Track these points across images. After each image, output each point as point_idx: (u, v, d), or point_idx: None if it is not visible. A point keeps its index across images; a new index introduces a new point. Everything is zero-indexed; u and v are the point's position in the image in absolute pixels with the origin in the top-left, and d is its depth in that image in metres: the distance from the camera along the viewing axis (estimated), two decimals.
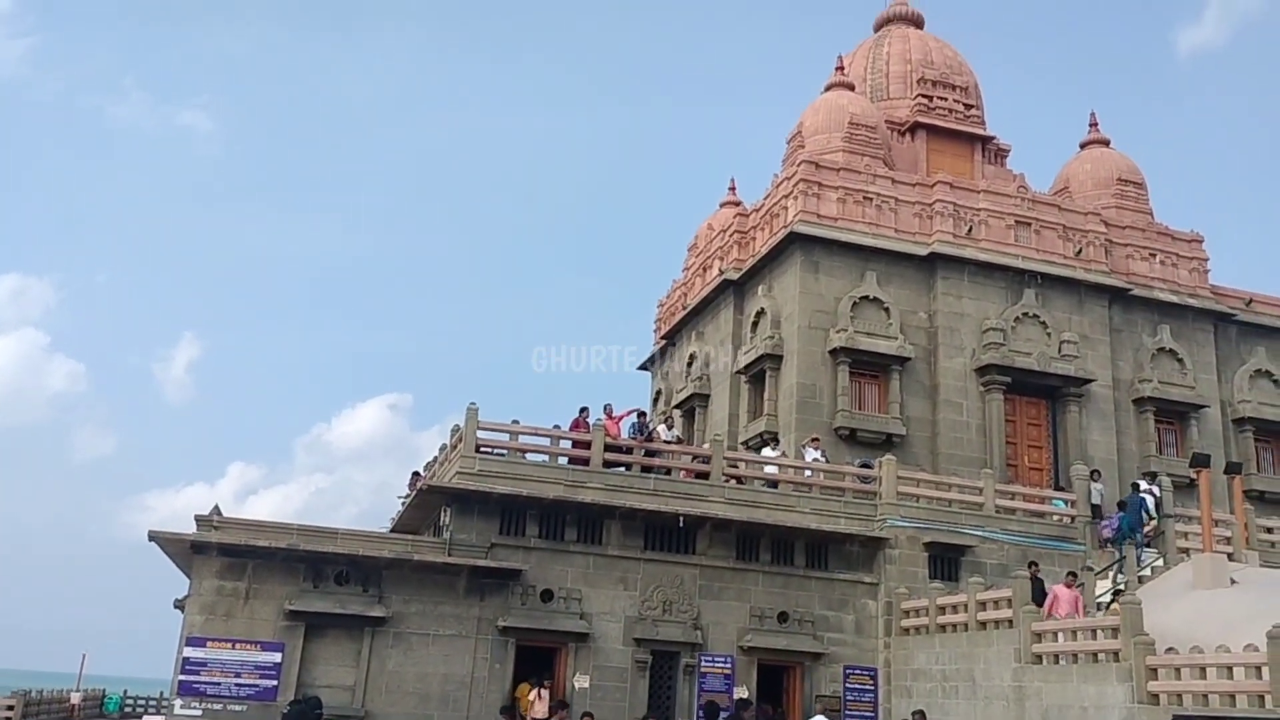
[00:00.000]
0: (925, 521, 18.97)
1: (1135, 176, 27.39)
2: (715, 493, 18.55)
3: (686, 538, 17.86)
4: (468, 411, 17.50)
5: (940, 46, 28.81)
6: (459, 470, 17.25)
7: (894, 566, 18.56)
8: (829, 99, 26.48)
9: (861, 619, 18.44)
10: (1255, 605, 14.48)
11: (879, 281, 23.70)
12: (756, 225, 26.45)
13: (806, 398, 22.72)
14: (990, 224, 24.67)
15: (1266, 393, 26.19)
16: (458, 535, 16.69)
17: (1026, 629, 14.75)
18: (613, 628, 17.06)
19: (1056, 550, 19.23)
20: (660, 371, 31.93)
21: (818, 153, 24.95)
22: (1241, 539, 19.49)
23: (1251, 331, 26.75)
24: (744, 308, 26.18)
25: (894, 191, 24.68)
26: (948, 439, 22.93)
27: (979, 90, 28.34)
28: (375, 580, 16.20)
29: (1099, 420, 24.05)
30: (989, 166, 27.35)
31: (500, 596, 16.61)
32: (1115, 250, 25.71)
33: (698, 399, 27.51)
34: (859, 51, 29.62)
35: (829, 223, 23.90)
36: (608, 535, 17.46)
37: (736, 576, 18.01)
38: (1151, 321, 25.48)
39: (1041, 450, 23.77)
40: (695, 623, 17.48)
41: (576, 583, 17.08)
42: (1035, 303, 24.14)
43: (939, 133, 26.99)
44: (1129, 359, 25.05)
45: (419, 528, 19.54)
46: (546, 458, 18.18)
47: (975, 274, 24.18)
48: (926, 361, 23.62)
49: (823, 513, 18.86)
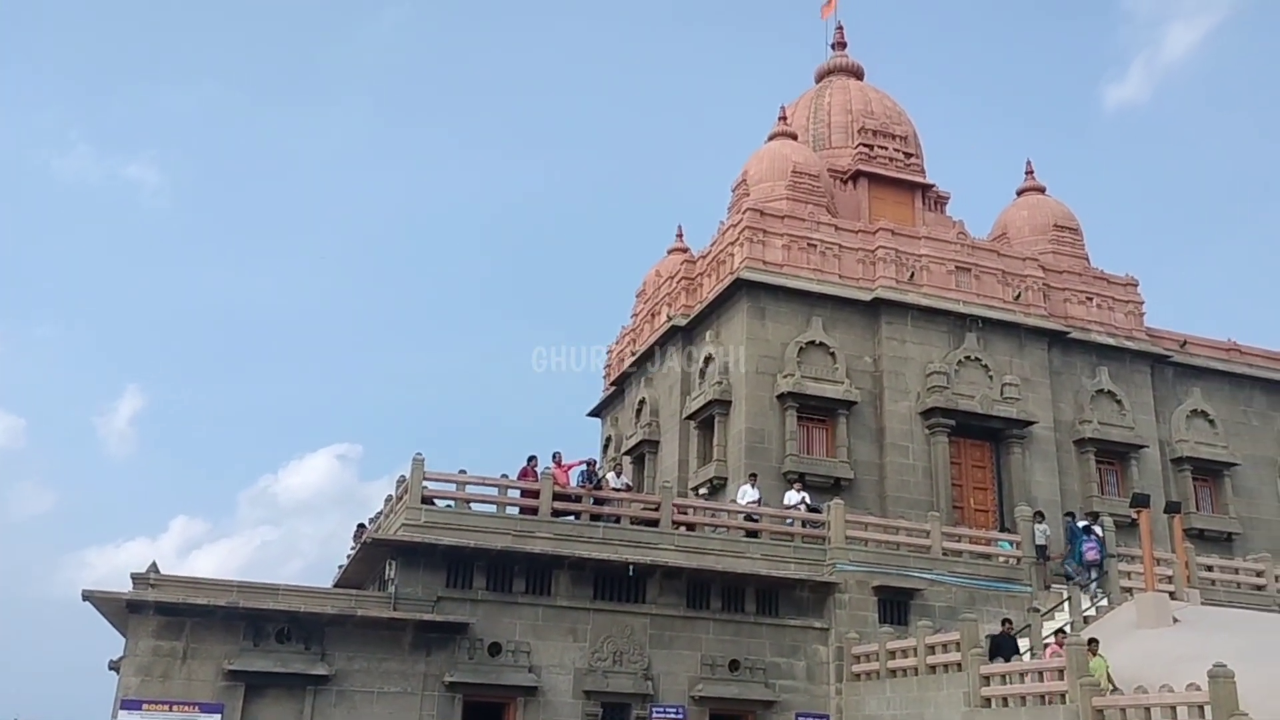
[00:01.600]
0: (874, 565, 19.03)
1: (1070, 222, 28.10)
2: (665, 540, 18.46)
3: (637, 586, 17.73)
4: (413, 462, 17.29)
5: (880, 97, 29.47)
6: (404, 522, 17.00)
7: (844, 611, 18.57)
8: (772, 148, 26.90)
9: (813, 665, 18.39)
10: (1197, 644, 14.68)
11: (825, 327, 23.96)
12: (704, 272, 26.67)
13: (755, 443, 22.80)
14: (932, 269, 25.11)
15: (1203, 432, 26.80)
16: (403, 589, 16.41)
17: (975, 672, 14.79)
18: (562, 680, 16.82)
19: (1003, 592, 19.40)
20: (610, 418, 31.88)
21: (762, 200, 25.29)
22: (1183, 578, 19.79)
23: (1187, 373, 27.40)
24: (692, 354, 26.28)
25: (837, 238, 25.05)
26: (895, 482, 23.11)
27: (918, 139, 28.98)
28: (318, 637, 15.84)
29: (1042, 461, 24.41)
30: (929, 213, 27.90)
31: (447, 651, 16.32)
32: (1053, 294, 26.27)
33: (647, 445, 27.47)
34: (801, 102, 30.18)
35: (775, 269, 24.16)
36: (557, 585, 17.27)
37: (687, 625, 17.89)
38: (1090, 364, 26.01)
39: (986, 492, 24.04)
40: (646, 673, 17.30)
41: (525, 635, 16.85)
42: (977, 346, 24.54)
43: (880, 181, 27.51)
44: (1069, 400, 25.51)
45: (363, 582, 19.17)
46: (494, 508, 18.01)
47: (918, 319, 24.54)
48: (873, 405, 23.85)
49: (772, 558, 18.86)
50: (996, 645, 15.35)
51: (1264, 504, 27.11)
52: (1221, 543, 25.72)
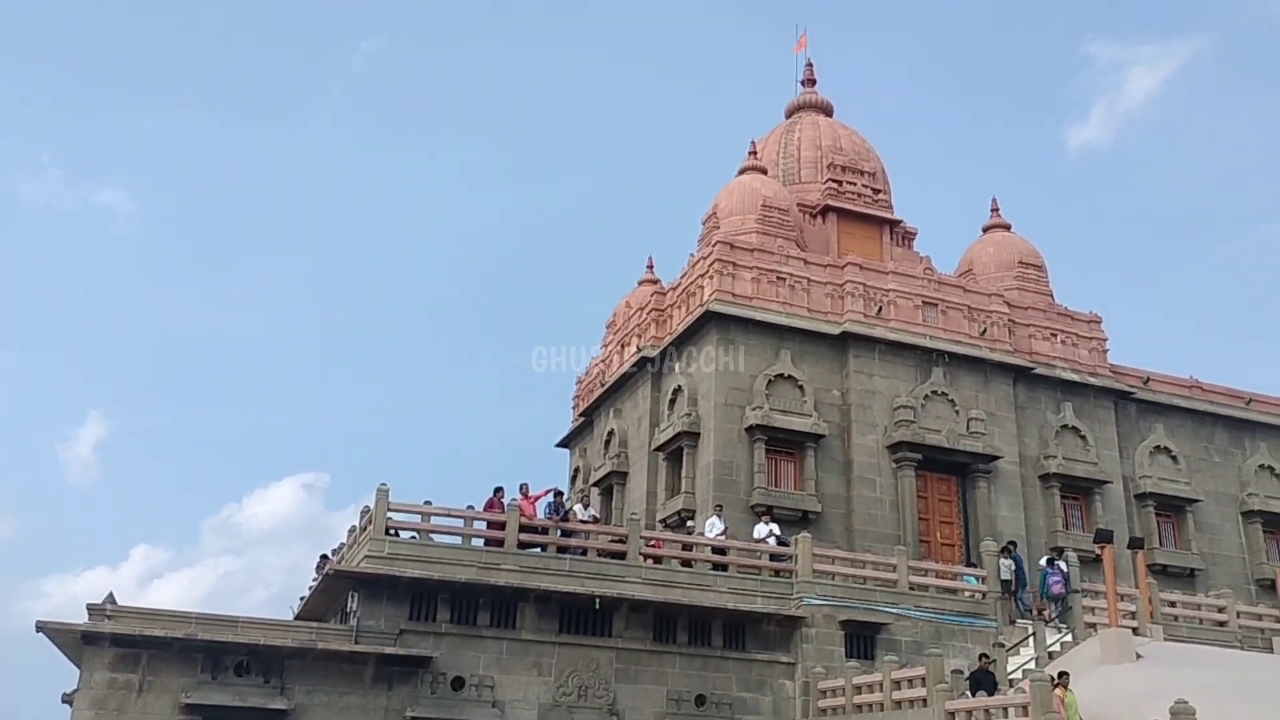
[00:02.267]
0: (841, 599, 19.00)
1: (1035, 259, 28.48)
2: (632, 573, 18.36)
3: (603, 619, 17.60)
4: (377, 493, 17.13)
5: (849, 134, 29.83)
6: (368, 554, 16.81)
7: (811, 646, 18.50)
8: (743, 182, 27.12)
9: (779, 700, 18.28)
10: (1160, 680, 14.76)
11: (793, 360, 24.07)
12: (673, 304, 26.75)
13: (723, 475, 22.79)
14: (899, 304, 25.32)
15: (1166, 468, 27.10)
16: (365, 622, 16.19)
17: (940, 708, 14.76)
18: (526, 715, 16.62)
19: (969, 627, 19.42)
20: (579, 449, 31.76)
21: (732, 234, 25.45)
22: (1146, 613, 19.92)
23: (1150, 409, 27.75)
24: (661, 385, 26.30)
25: (806, 272, 25.23)
26: (862, 515, 23.16)
27: (886, 175, 29.33)
28: (277, 671, 15.58)
29: (1007, 496, 24.57)
30: (897, 248, 28.19)
31: (409, 685, 16.10)
32: (1018, 330, 26.57)
33: (616, 477, 27.39)
34: (771, 137, 30.49)
35: (744, 302, 24.28)
36: (522, 618, 17.11)
37: (654, 659, 17.76)
38: (1054, 399, 26.28)
39: (953, 526, 24.15)
40: (611, 708, 17.13)
41: (489, 669, 16.65)
42: (943, 381, 24.74)
43: (849, 216, 27.78)
44: (1034, 436, 25.73)
45: (325, 614, 18.90)
46: (459, 539, 17.84)
47: (885, 353, 24.72)
48: (840, 439, 23.93)
49: (740, 591, 18.79)
50: (976, 681, 15.20)
51: (1226, 540, 27.41)
52: (1184, 578, 25.95)
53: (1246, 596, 25.58)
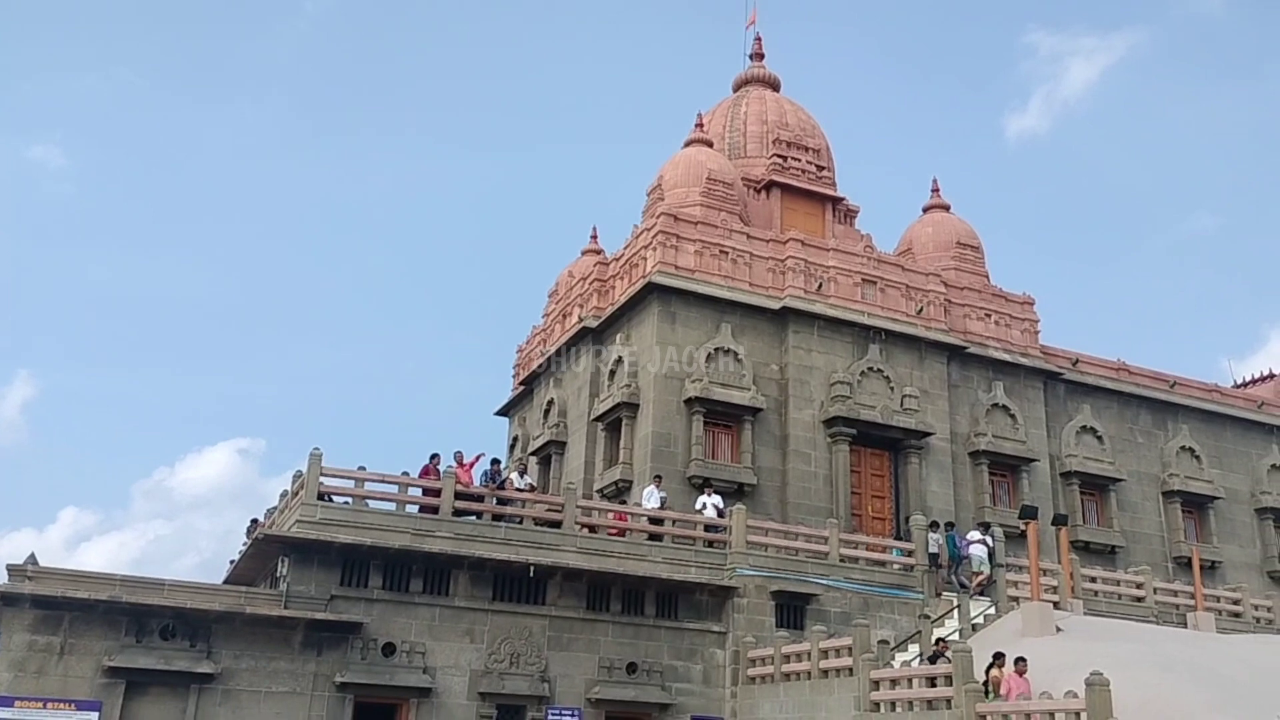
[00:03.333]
0: (773, 570, 19.26)
1: (973, 241, 28.90)
2: (567, 542, 18.41)
3: (537, 588, 17.64)
4: (310, 457, 16.91)
5: (795, 109, 29.91)
6: (299, 519, 16.62)
7: (742, 615, 18.75)
8: (688, 154, 27.08)
9: (709, 668, 18.52)
10: (1078, 653, 15.20)
11: (734, 333, 24.19)
12: (616, 274, 26.70)
13: (661, 446, 22.89)
14: (839, 281, 25.56)
15: (1091, 448, 27.81)
16: (295, 587, 16.03)
17: (866, 677, 15.08)
18: (457, 682, 16.63)
19: (896, 598, 19.82)
20: (518, 417, 31.70)
21: (677, 206, 25.43)
22: (1067, 588, 20.50)
23: (1078, 390, 28.42)
24: (602, 355, 26.30)
25: (749, 246, 25.33)
26: (796, 488, 23.44)
27: (831, 153, 29.49)
28: (204, 635, 15.38)
29: (938, 472, 25.04)
30: (839, 226, 28.40)
31: (339, 651, 16.00)
32: (954, 310, 26.99)
33: (554, 446, 27.39)
34: (718, 110, 30.45)
35: (686, 274, 24.32)
36: (455, 586, 17.07)
37: (586, 627, 17.86)
38: (986, 378, 26.78)
39: (884, 500, 24.56)
40: (543, 675, 17.21)
41: (421, 636, 16.60)
42: (880, 358, 25.07)
43: (792, 192, 27.91)
44: (965, 413, 26.23)
45: (255, 579, 18.69)
46: (394, 506, 17.70)
47: (824, 329, 24.96)
48: (777, 412, 24.16)
49: (674, 561, 18.94)
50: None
51: (1146, 519, 28.27)
52: (1105, 555, 26.74)
53: (1164, 573, 26.47)
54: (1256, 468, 30.19)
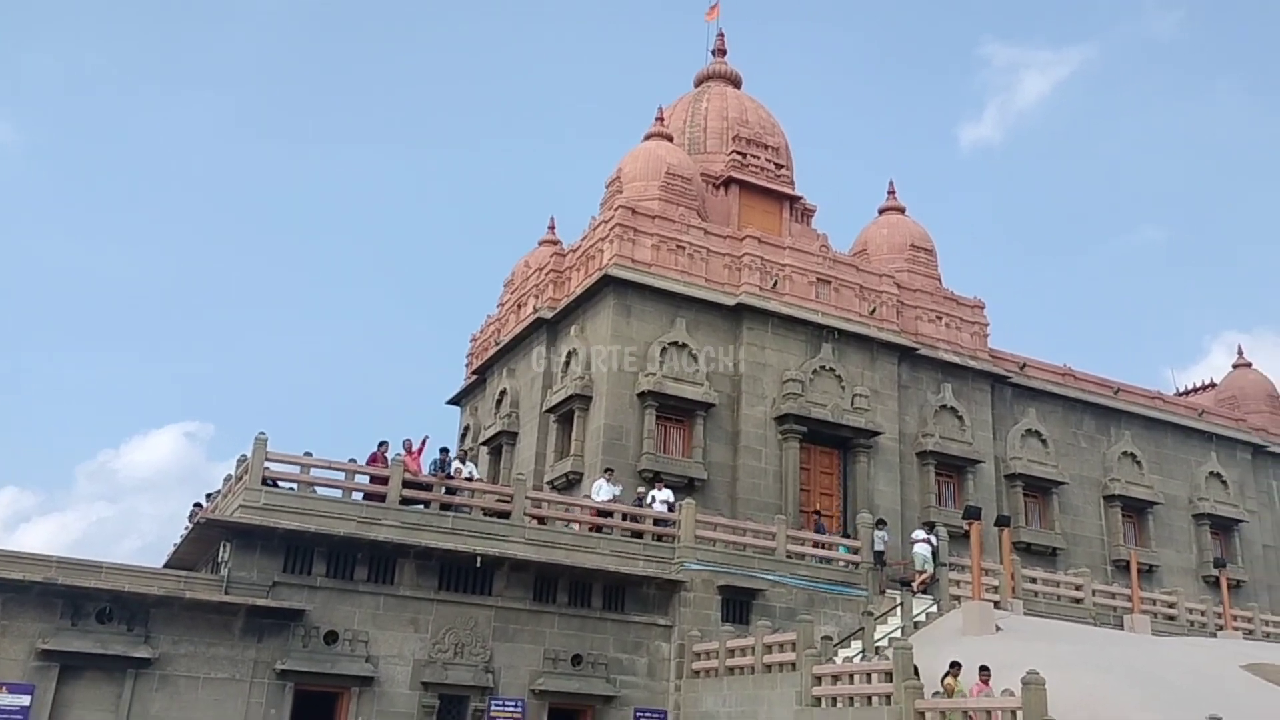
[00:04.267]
0: (720, 565, 19.33)
1: (926, 243, 29.21)
2: (516, 533, 18.33)
3: (483, 578, 17.56)
4: (255, 441, 16.67)
5: (756, 107, 30.00)
6: (242, 503, 16.37)
7: (688, 609, 18.81)
8: (648, 148, 27.05)
9: (654, 661, 18.57)
10: (1016, 652, 15.42)
11: (688, 328, 24.23)
12: (572, 266, 26.62)
13: (613, 439, 22.88)
14: (794, 279, 25.70)
15: (1036, 451, 28.26)
16: (237, 572, 15.80)
17: (808, 672, 15.20)
18: (400, 671, 16.51)
19: (841, 595, 20.01)
20: (470, 407, 31.52)
21: (635, 199, 25.40)
22: (1008, 588, 20.81)
23: (1024, 393, 28.85)
24: (556, 347, 26.22)
25: (706, 242, 25.38)
26: (746, 484, 23.55)
27: (789, 151, 29.63)
28: (142, 619, 15.11)
29: (885, 471, 25.30)
30: (796, 224, 28.56)
31: (280, 638, 15.81)
32: (906, 311, 27.26)
33: (505, 436, 27.27)
34: (679, 104, 30.46)
35: (643, 268, 24.31)
36: (401, 575, 16.94)
37: (532, 618, 17.81)
38: (936, 380, 27.10)
39: (832, 498, 24.76)
40: (487, 666, 17.15)
41: (364, 624, 16.46)
42: (832, 357, 25.25)
43: (751, 189, 28.00)
44: (914, 414, 26.52)
45: (196, 564, 18.38)
46: (340, 493, 17.51)
47: (778, 326, 25.09)
48: (730, 408, 24.25)
49: (622, 554, 18.96)
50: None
51: (1088, 522, 28.80)
52: (1046, 556, 27.19)
53: (1103, 576, 26.99)
54: (1195, 474, 30.87)
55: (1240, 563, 30.40)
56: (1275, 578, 31.62)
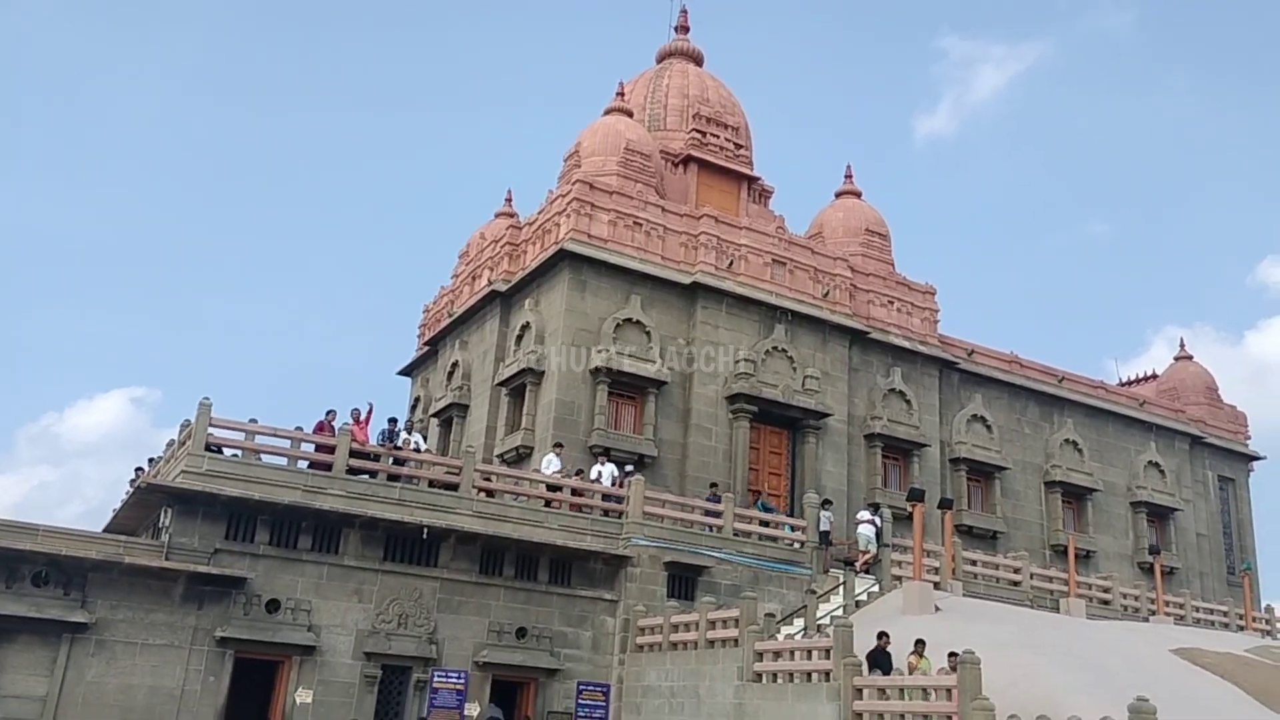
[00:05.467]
0: (667, 541, 19.45)
1: (881, 229, 29.43)
2: (464, 505, 18.29)
3: (429, 550, 17.50)
4: (199, 406, 16.42)
5: (716, 85, 29.95)
6: (185, 469, 16.14)
7: (634, 584, 18.91)
8: (607, 123, 26.91)
9: (599, 636, 18.66)
10: (954, 632, 15.73)
11: (643, 305, 24.22)
12: (529, 239, 26.46)
13: (564, 414, 22.86)
14: (750, 260, 25.77)
15: (980, 436, 28.71)
16: (178, 538, 15.60)
17: (750, 648, 15.37)
18: (343, 641, 16.43)
19: (786, 573, 20.23)
20: (421, 378, 31.31)
21: (593, 174, 25.28)
22: (948, 569, 21.19)
23: (971, 379, 29.27)
24: (510, 320, 26.10)
25: (663, 219, 25.35)
26: (696, 462, 23.67)
27: (749, 132, 29.64)
28: (79, 583, 14.88)
29: (833, 452, 25.56)
30: (753, 205, 28.61)
31: (221, 605, 15.66)
32: (858, 295, 27.48)
33: (456, 409, 27.13)
34: (640, 80, 30.31)
35: (599, 243, 24.23)
36: (346, 544, 16.82)
37: (478, 591, 17.80)
38: (885, 364, 27.38)
39: (781, 478, 24.98)
40: (431, 637, 17.12)
41: (307, 593, 16.34)
42: (784, 338, 25.40)
43: (709, 168, 27.98)
44: (863, 397, 26.80)
45: (136, 529, 18.13)
46: (285, 461, 17.33)
47: (732, 306, 25.17)
48: (682, 386, 24.32)
49: (570, 529, 18.99)
50: (873, 660, 14.17)
51: (1028, 507, 29.35)
52: (987, 540, 27.69)
53: (1041, 560, 27.54)
54: (1134, 463, 31.56)
55: (1174, 550, 31.20)
56: (1208, 565, 32.51)
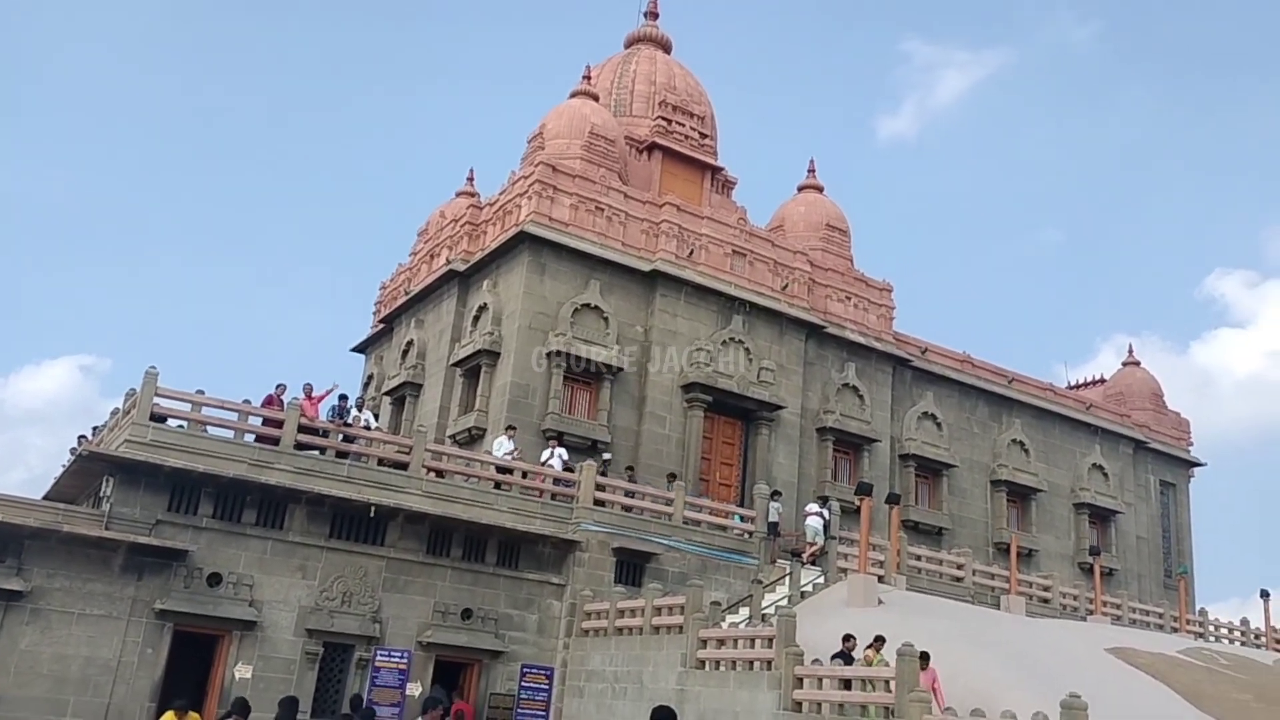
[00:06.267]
0: (617, 527, 19.48)
1: (841, 224, 29.59)
2: (413, 484, 18.18)
3: (377, 528, 17.38)
4: (145, 375, 16.15)
5: (684, 74, 29.90)
6: (128, 438, 15.87)
7: (582, 569, 18.93)
8: (573, 105, 26.77)
9: (545, 619, 18.66)
10: (895, 625, 15.92)
11: (602, 291, 24.16)
12: (489, 219, 26.27)
13: (519, 397, 22.77)
14: (710, 250, 25.80)
15: (930, 434, 29.03)
16: (119, 508, 15.36)
17: (694, 635, 15.45)
18: (285, 617, 16.28)
19: (733, 562, 20.35)
20: (376, 355, 31.03)
21: (556, 156, 25.14)
22: (893, 563, 21.44)
23: (923, 377, 29.57)
24: (467, 300, 25.92)
25: (625, 206, 25.28)
26: (649, 450, 23.69)
27: (715, 122, 29.64)
28: (15, 551, 14.61)
29: (786, 444, 25.72)
30: (716, 195, 28.63)
31: (161, 577, 15.45)
32: (816, 289, 27.62)
33: (410, 388, 26.93)
34: (608, 65, 30.18)
35: (560, 227, 24.12)
36: (291, 520, 16.66)
37: (424, 571, 17.72)
38: (840, 358, 27.57)
39: (732, 468, 25.09)
40: (375, 615, 17.02)
41: (250, 568, 16.17)
42: (742, 329, 25.48)
43: (674, 156, 27.94)
44: (817, 390, 26.96)
45: (77, 497, 17.82)
46: (232, 433, 17.09)
47: (691, 295, 25.20)
48: (638, 373, 24.30)
49: (520, 512, 18.95)
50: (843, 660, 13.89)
51: (974, 504, 29.75)
52: (933, 536, 28.04)
53: (984, 557, 27.94)
54: (1079, 465, 32.11)
55: (1114, 552, 31.82)
56: (1146, 567, 33.20)
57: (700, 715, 14.76)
